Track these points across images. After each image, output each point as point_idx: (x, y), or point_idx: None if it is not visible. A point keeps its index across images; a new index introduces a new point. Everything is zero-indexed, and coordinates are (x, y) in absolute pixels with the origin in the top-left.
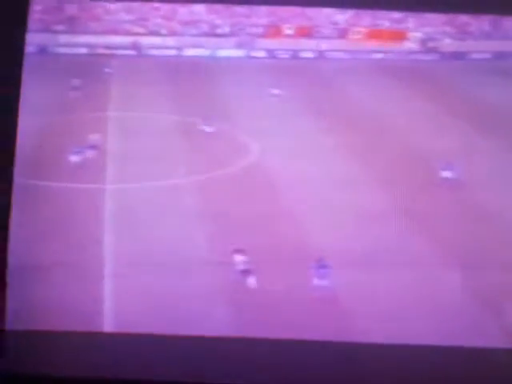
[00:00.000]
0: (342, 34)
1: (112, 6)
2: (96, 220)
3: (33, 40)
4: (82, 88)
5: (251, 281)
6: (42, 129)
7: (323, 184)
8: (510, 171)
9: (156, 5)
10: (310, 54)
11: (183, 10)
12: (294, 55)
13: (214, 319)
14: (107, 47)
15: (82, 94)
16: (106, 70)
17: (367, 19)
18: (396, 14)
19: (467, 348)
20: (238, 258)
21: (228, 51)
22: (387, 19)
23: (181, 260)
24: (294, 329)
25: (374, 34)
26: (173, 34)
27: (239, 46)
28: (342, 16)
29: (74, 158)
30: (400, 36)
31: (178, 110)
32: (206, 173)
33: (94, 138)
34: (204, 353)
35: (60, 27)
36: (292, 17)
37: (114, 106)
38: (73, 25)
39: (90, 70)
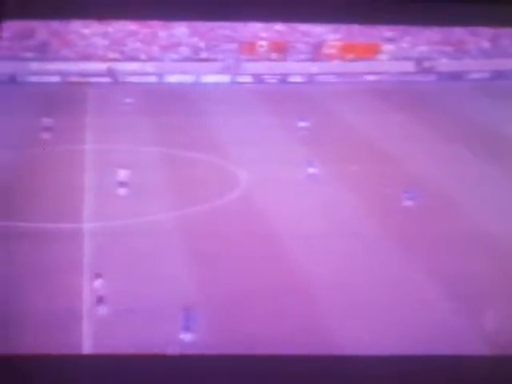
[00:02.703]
0: (317, 48)
1: (86, 31)
2: (71, 262)
3: (1, 69)
4: (54, 128)
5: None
6: (14, 164)
7: (314, 215)
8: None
9: (133, 27)
10: (299, 79)
11: (163, 34)
12: (283, 79)
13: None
14: (81, 74)
15: (54, 134)
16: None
17: (355, 35)
18: (389, 33)
19: (446, 356)
20: None
21: (213, 77)
22: (379, 37)
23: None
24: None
25: (349, 48)
26: (152, 59)
27: (224, 70)
28: (318, 30)
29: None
30: (374, 49)
31: (159, 141)
32: (191, 207)
33: (68, 173)
34: (175, 371)
35: (30, 54)
36: (265, 32)
37: (91, 139)
38: (44, 51)
39: (63, 102)
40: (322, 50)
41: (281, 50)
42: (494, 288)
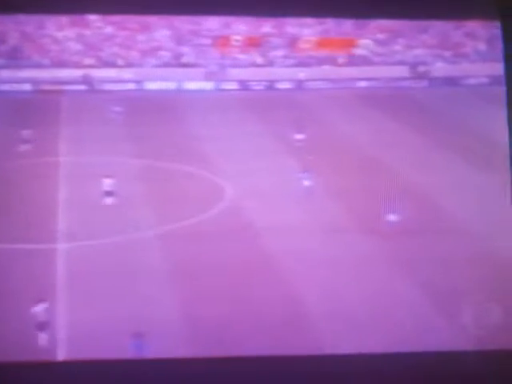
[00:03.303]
0: (292, 43)
1: (59, 35)
2: (46, 284)
3: None
4: (31, 139)
5: None
6: None
7: (303, 230)
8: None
9: (110, 31)
10: (287, 85)
11: (142, 37)
12: (270, 86)
13: None
14: (55, 82)
15: (31, 146)
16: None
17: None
18: (382, 35)
19: (434, 352)
20: None
21: (195, 83)
22: (372, 39)
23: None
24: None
25: (324, 43)
26: (130, 64)
27: (208, 77)
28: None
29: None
30: (350, 43)
31: (139, 152)
32: (174, 222)
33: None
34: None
35: (1, 61)
36: (240, 26)
37: (65, 151)
38: (15, 58)
39: (37, 112)
40: (297, 44)
41: (255, 44)
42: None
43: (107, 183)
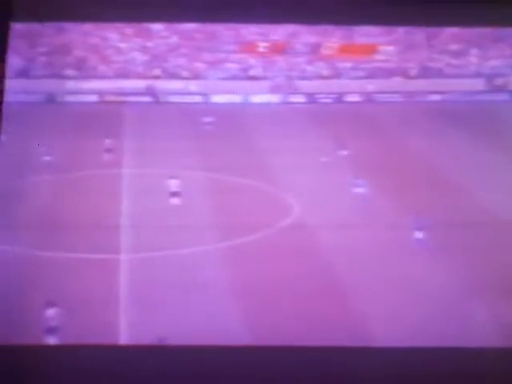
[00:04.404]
0: (315, 49)
1: (123, 45)
2: (110, 295)
3: (40, 87)
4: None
5: None
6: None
7: (372, 251)
8: None
9: (175, 40)
10: (356, 98)
11: (208, 48)
12: (338, 99)
13: None
14: (119, 93)
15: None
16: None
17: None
18: (455, 46)
19: (458, 348)
20: None
21: (262, 96)
22: (446, 53)
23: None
24: None
25: (346, 49)
26: (196, 76)
27: (275, 89)
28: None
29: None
30: (371, 50)
31: (204, 166)
32: (238, 237)
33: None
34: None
35: (69, 71)
36: (228, 36)
37: (128, 163)
38: (80, 69)
39: (101, 123)
40: (320, 51)
41: (280, 50)
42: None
43: (172, 196)
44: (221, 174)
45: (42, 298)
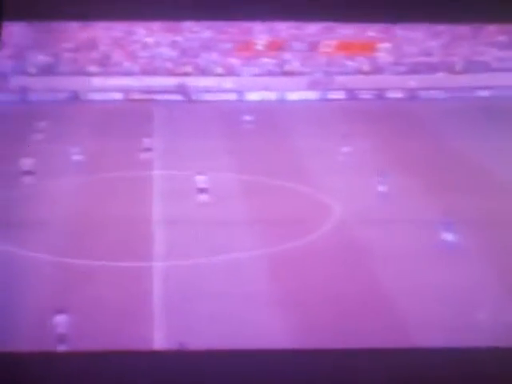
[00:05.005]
0: (313, 47)
1: (150, 40)
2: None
3: (63, 84)
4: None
5: None
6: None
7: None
8: None
9: (208, 34)
10: (399, 94)
11: (241, 42)
12: (380, 95)
13: None
14: (146, 91)
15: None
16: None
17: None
18: (503, 38)
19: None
20: None
21: (299, 93)
22: (493, 45)
23: None
24: None
25: (344, 46)
26: (230, 73)
27: (313, 86)
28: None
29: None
30: (370, 47)
31: (239, 167)
32: (277, 244)
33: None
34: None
35: (93, 68)
36: (261, 32)
37: (161, 164)
38: (105, 65)
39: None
40: (318, 48)
41: (277, 48)
42: None
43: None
44: (256, 175)
45: (68, 304)
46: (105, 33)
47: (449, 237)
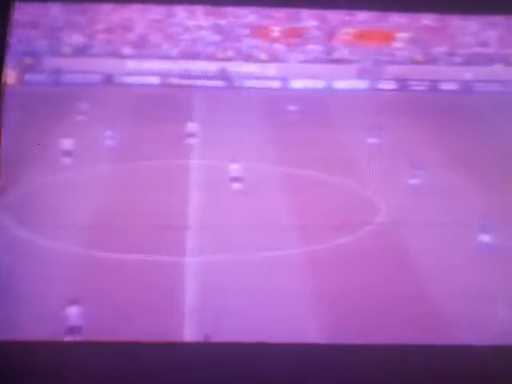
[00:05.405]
0: (330, 35)
1: (191, 23)
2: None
3: (97, 66)
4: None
5: None
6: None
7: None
8: None
9: (252, 19)
10: (453, 86)
11: (287, 27)
12: (433, 87)
13: None
14: (184, 76)
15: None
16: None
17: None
18: None
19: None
20: None
21: (347, 82)
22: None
23: None
24: None
25: (363, 35)
26: (275, 59)
27: (362, 75)
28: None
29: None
30: (388, 37)
31: (281, 160)
32: (322, 242)
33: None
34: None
35: (128, 50)
36: (280, 18)
37: (200, 154)
38: (142, 47)
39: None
40: (336, 36)
41: (295, 35)
42: None
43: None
44: (299, 168)
45: (96, 297)
46: (141, 15)
47: (486, 238)
